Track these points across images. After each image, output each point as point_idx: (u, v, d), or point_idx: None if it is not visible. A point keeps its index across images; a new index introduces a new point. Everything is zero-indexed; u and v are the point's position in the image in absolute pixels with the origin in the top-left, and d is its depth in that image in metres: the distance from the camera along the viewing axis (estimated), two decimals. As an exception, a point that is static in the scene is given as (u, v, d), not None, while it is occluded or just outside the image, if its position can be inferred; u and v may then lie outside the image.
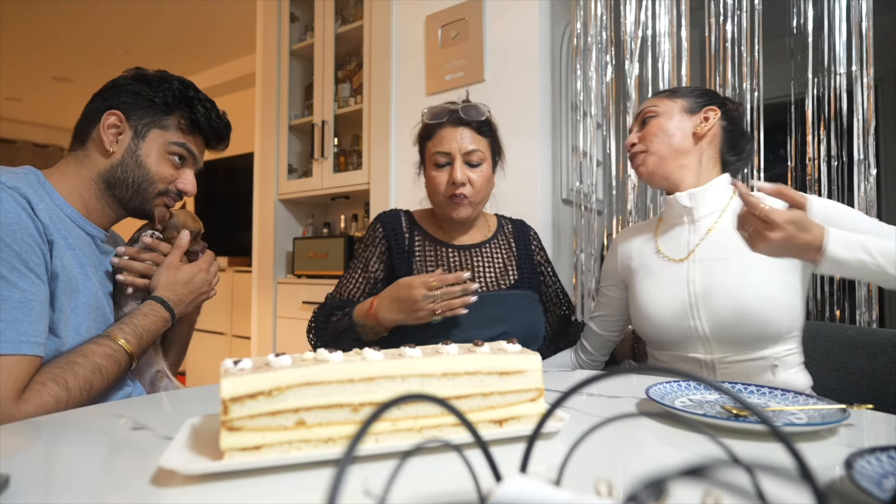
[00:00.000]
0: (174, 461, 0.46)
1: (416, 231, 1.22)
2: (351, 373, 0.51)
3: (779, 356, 0.98)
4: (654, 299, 1.05)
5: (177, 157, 0.95)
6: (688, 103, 1.09)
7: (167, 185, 0.95)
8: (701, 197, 1.06)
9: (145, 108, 0.92)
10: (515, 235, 1.28)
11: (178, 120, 0.95)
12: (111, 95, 0.92)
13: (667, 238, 1.11)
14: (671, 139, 1.07)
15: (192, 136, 0.97)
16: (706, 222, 1.06)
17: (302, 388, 0.50)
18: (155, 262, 0.95)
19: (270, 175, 2.80)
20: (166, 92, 0.93)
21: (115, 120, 0.90)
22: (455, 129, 1.14)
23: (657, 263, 1.09)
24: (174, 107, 0.94)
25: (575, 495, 0.28)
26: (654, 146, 1.08)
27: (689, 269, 1.03)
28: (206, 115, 0.97)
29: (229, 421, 0.47)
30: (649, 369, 0.37)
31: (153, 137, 0.93)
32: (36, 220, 0.78)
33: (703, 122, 1.07)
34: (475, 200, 1.16)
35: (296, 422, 0.49)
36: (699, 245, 1.04)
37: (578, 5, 1.96)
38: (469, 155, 1.13)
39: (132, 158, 0.91)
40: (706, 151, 1.08)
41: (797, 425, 0.60)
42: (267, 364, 0.51)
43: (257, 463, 0.47)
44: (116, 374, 0.82)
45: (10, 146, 6.11)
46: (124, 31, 3.92)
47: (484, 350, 0.58)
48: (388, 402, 0.29)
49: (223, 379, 0.48)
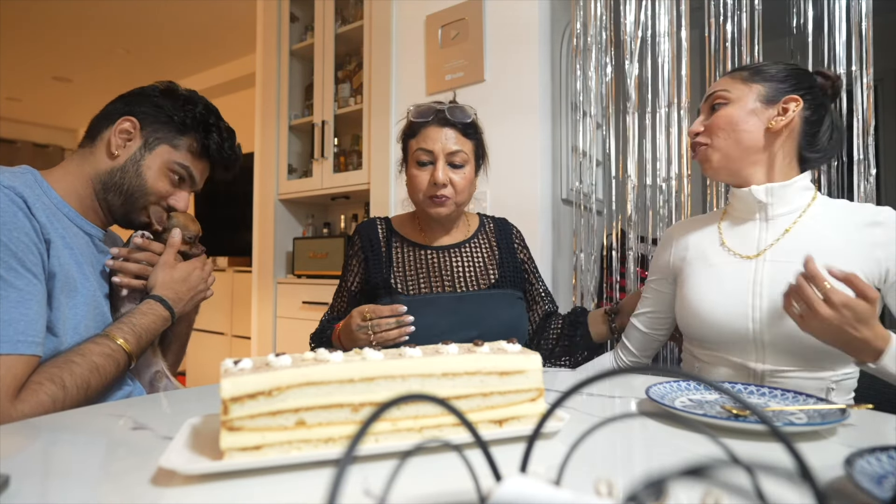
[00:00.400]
0: (174, 461, 0.46)
1: (395, 238, 1.22)
2: (351, 373, 0.51)
3: (836, 379, 0.88)
4: (711, 294, 0.95)
5: (177, 176, 0.96)
6: (766, 90, 0.94)
7: (158, 200, 0.96)
8: (780, 193, 0.94)
9: (162, 123, 0.94)
10: (497, 233, 1.27)
11: (190, 142, 0.96)
12: (133, 102, 0.94)
13: (735, 232, 1.00)
14: (740, 135, 0.94)
15: (198, 160, 0.98)
16: (783, 221, 0.95)
17: (302, 388, 0.50)
18: (149, 261, 0.95)
19: (270, 175, 2.80)
20: (188, 112, 0.95)
21: (128, 126, 0.92)
22: (440, 129, 1.13)
23: (720, 257, 0.98)
24: (190, 128, 0.95)
25: (575, 495, 0.28)
26: (720, 142, 0.96)
27: (756, 267, 0.93)
28: (218, 144, 0.98)
29: (229, 421, 0.47)
30: (649, 369, 0.37)
31: (160, 152, 0.94)
32: (32, 220, 0.78)
33: (780, 116, 0.93)
34: (456, 201, 1.15)
35: (296, 422, 0.49)
36: (773, 245, 0.94)
37: (578, 5, 1.96)
38: (452, 156, 1.12)
39: (133, 167, 0.92)
40: (783, 147, 0.95)
41: (797, 425, 0.60)
42: (267, 364, 0.51)
43: (257, 463, 0.47)
44: (115, 373, 0.82)
45: (10, 146, 6.10)
46: (124, 31, 3.92)
47: (484, 350, 0.58)
48: (388, 402, 0.29)
49: (223, 379, 0.48)
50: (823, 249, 0.88)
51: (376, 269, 1.18)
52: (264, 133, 2.85)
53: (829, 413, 0.64)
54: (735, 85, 0.97)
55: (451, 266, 1.19)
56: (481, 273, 1.20)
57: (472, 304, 1.14)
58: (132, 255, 0.94)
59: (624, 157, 1.93)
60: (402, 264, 1.19)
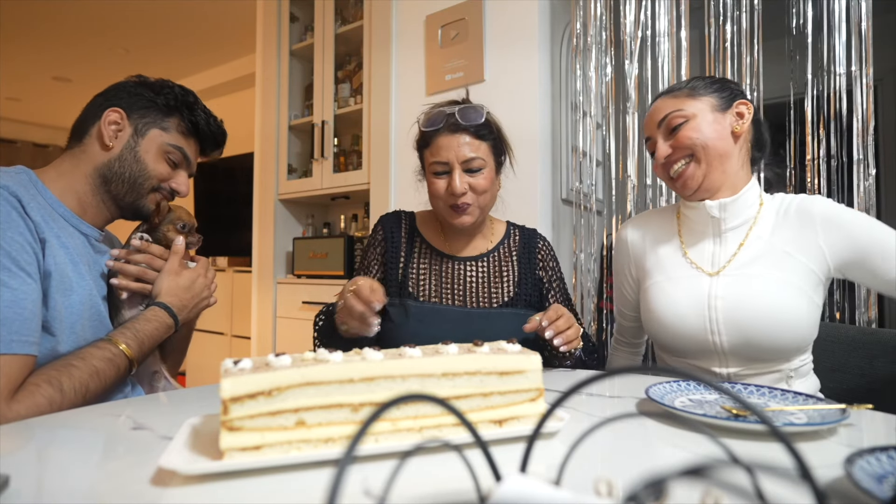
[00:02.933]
0: (174, 461, 0.46)
1: (416, 236, 1.18)
2: (351, 373, 0.51)
3: (794, 367, 0.94)
4: (673, 309, 0.98)
5: (173, 158, 0.97)
6: (715, 100, 0.97)
7: (161, 183, 0.97)
8: (732, 208, 0.98)
9: (147, 108, 0.95)
10: (520, 247, 1.19)
11: (177, 122, 0.97)
12: (113, 95, 0.95)
13: (693, 243, 1.02)
14: (715, 143, 0.95)
15: (188, 139, 0.99)
16: (735, 235, 0.99)
17: (302, 388, 0.50)
18: (148, 264, 0.95)
19: (270, 175, 2.80)
20: (168, 95, 0.96)
21: (116, 117, 0.92)
22: (452, 136, 1.07)
23: (681, 270, 1.01)
24: (175, 109, 0.97)
25: (575, 495, 0.28)
26: (701, 151, 0.96)
27: (712, 282, 0.96)
28: (205, 121, 1.00)
29: (229, 421, 0.47)
30: (649, 369, 0.37)
31: (152, 136, 0.95)
32: (27, 219, 0.78)
33: (740, 120, 0.97)
34: (478, 206, 1.10)
35: (296, 422, 0.49)
36: (731, 261, 0.97)
37: (578, 5, 1.96)
38: (468, 163, 1.07)
39: (131, 154, 0.93)
40: (741, 151, 0.98)
41: (797, 425, 0.60)
42: (267, 364, 0.51)
43: (257, 463, 0.47)
44: (115, 378, 0.82)
45: (10, 146, 6.11)
46: (124, 31, 3.92)
47: (484, 350, 0.58)
48: (387, 402, 0.29)
49: (223, 379, 0.48)
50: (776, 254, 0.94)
51: (393, 265, 1.15)
52: (264, 133, 2.85)
53: (829, 413, 0.64)
54: (683, 102, 0.98)
55: (466, 279, 1.14)
56: (496, 289, 1.14)
57: (480, 321, 1.10)
58: (132, 257, 0.94)
59: (624, 157, 1.94)
60: (417, 267, 1.15)
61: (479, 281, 1.15)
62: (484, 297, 1.14)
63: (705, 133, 0.95)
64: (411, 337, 1.03)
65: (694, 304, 0.96)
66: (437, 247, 1.17)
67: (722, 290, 0.95)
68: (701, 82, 1.00)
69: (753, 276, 0.93)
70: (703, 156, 0.96)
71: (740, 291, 0.93)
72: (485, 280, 1.15)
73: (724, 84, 1.00)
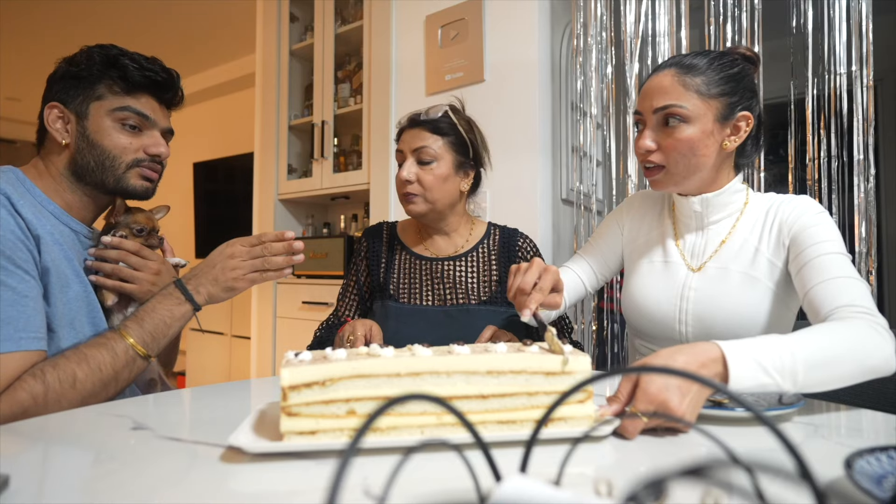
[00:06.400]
0: (241, 440, 0.52)
1: (396, 243, 1.24)
2: (398, 367, 0.54)
3: None
4: (651, 292, 1.01)
5: (125, 123, 0.90)
6: (722, 107, 0.91)
7: (134, 155, 0.91)
8: (714, 202, 0.97)
9: (76, 88, 0.88)
10: (500, 246, 1.21)
11: (110, 85, 0.89)
12: (47, 92, 0.90)
13: (682, 232, 1.03)
14: (699, 160, 0.92)
15: (133, 96, 0.91)
16: (718, 229, 0.99)
17: (353, 379, 0.53)
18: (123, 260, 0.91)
19: (270, 175, 2.80)
20: (89, 62, 0.89)
21: (56, 112, 0.88)
22: (412, 130, 1.14)
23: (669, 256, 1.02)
24: (100, 73, 0.89)
25: (575, 495, 0.28)
26: (677, 167, 0.93)
27: (690, 275, 0.98)
28: (137, 68, 0.90)
29: (288, 407, 0.52)
30: (649, 369, 0.37)
31: (94, 112, 0.89)
32: (18, 217, 0.77)
33: (734, 136, 0.92)
34: (426, 199, 1.13)
35: (347, 411, 0.53)
36: (713, 256, 0.97)
37: (578, 5, 1.96)
38: (418, 152, 1.12)
39: (84, 141, 0.88)
40: (727, 159, 0.97)
41: (780, 409, 0.60)
42: (324, 357, 0.55)
43: (313, 446, 0.52)
44: (109, 362, 0.78)
45: (10, 146, 6.10)
46: (124, 31, 3.92)
47: (533, 350, 0.58)
48: (388, 402, 0.29)
49: (283, 368, 0.52)
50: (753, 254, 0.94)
51: (375, 274, 1.21)
52: (264, 133, 2.85)
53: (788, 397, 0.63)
54: (691, 98, 0.90)
55: (444, 278, 1.17)
56: (475, 287, 1.17)
57: (459, 318, 1.13)
58: (105, 254, 0.91)
59: (624, 157, 1.94)
60: (399, 271, 1.20)
61: (456, 280, 1.18)
62: (462, 295, 1.17)
63: (694, 148, 0.91)
64: (392, 336, 1.08)
65: (670, 293, 0.99)
66: (416, 250, 1.22)
67: (696, 282, 0.97)
68: (716, 75, 0.91)
69: (728, 273, 0.94)
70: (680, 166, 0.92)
71: (713, 286, 0.95)
72: (462, 279, 1.18)
73: (738, 83, 0.92)
